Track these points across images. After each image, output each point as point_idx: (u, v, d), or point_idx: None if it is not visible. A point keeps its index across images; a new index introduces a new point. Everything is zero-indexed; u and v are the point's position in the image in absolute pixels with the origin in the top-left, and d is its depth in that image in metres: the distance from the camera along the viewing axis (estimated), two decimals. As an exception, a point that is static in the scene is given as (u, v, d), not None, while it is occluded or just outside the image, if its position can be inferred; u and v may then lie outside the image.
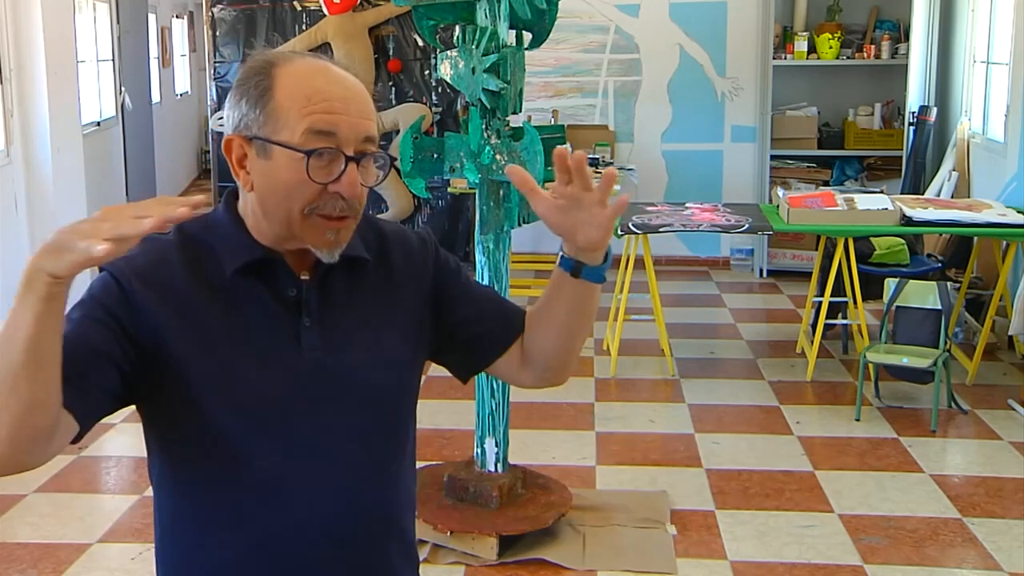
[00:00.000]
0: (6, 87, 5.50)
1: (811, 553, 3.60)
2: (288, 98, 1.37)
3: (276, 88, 1.38)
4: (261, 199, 1.41)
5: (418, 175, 3.56)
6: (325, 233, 1.39)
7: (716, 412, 4.98)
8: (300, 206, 1.38)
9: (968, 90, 6.72)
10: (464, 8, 3.52)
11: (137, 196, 8.60)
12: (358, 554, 1.48)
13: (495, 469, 3.73)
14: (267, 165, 1.39)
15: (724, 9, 7.76)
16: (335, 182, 1.37)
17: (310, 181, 1.37)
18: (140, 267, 1.40)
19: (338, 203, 1.38)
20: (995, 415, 4.87)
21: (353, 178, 1.38)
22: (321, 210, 1.38)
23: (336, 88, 1.39)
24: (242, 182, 1.43)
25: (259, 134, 1.38)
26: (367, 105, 1.42)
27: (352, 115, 1.39)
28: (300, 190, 1.37)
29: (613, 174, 1.38)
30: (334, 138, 1.37)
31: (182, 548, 1.47)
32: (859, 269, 5.39)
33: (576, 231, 1.40)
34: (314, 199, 1.38)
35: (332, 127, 1.37)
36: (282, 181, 1.38)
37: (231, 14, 7.56)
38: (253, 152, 1.40)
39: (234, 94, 1.42)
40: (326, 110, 1.37)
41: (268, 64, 1.40)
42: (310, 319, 1.44)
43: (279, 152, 1.37)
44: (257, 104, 1.39)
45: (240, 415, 1.40)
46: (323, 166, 1.37)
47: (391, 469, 1.51)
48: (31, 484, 4.18)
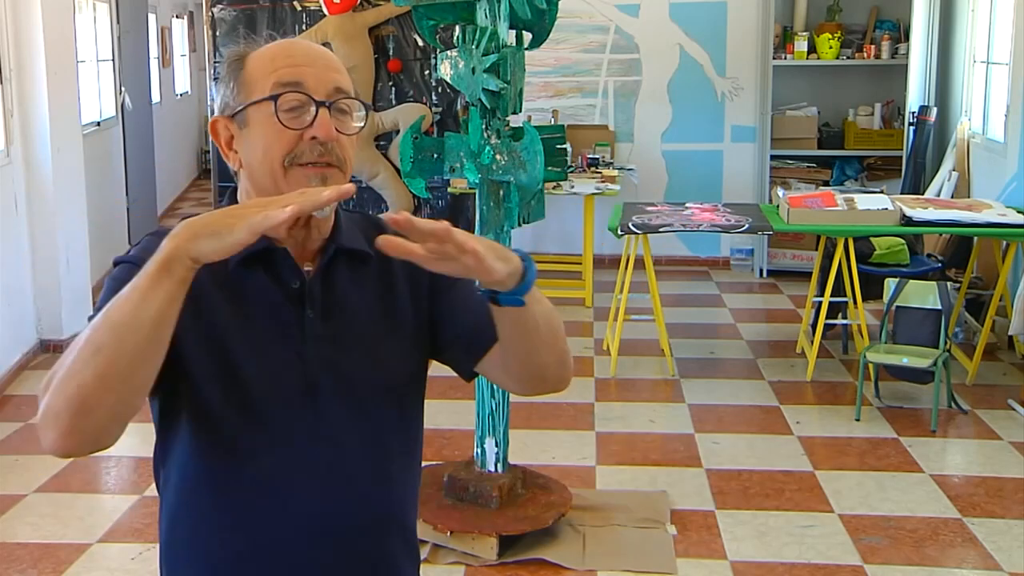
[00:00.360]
0: (6, 87, 5.50)
1: (811, 553, 3.60)
2: (256, 67, 1.45)
3: (247, 64, 1.46)
4: (249, 171, 1.45)
5: (418, 175, 3.56)
6: (311, 182, 1.41)
7: (716, 412, 4.98)
8: (280, 157, 1.41)
9: (968, 90, 6.72)
10: (464, 8, 3.52)
11: (137, 196, 8.60)
12: (360, 551, 1.48)
13: (495, 469, 3.73)
14: (247, 133, 1.44)
15: (724, 9, 7.76)
16: (309, 128, 1.41)
17: (284, 129, 1.40)
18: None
19: (316, 148, 1.41)
20: (995, 415, 4.87)
21: (326, 120, 1.42)
22: (300, 159, 1.41)
23: (299, 48, 1.47)
24: (232, 162, 1.48)
25: (236, 105, 1.44)
26: (333, 62, 1.47)
27: (317, 67, 1.44)
28: (277, 142, 1.41)
29: (441, 228, 1.26)
30: (301, 87, 1.42)
31: (187, 542, 1.48)
32: (859, 269, 5.39)
33: (462, 271, 1.32)
34: (291, 148, 1.41)
35: (296, 77, 1.42)
36: (261, 140, 1.42)
37: (231, 14, 7.56)
38: (236, 127, 1.45)
39: (218, 84, 1.49)
40: (289, 64, 1.43)
41: (242, 54, 1.48)
42: (313, 311, 1.44)
43: (253, 112, 1.43)
44: (231, 80, 1.46)
45: (243, 407, 1.41)
46: (295, 116, 1.41)
47: (395, 465, 1.51)
48: (31, 484, 4.18)
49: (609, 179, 6.95)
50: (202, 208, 10.84)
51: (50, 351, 5.86)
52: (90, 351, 1.22)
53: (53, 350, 5.86)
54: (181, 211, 10.92)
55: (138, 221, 8.57)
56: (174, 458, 1.47)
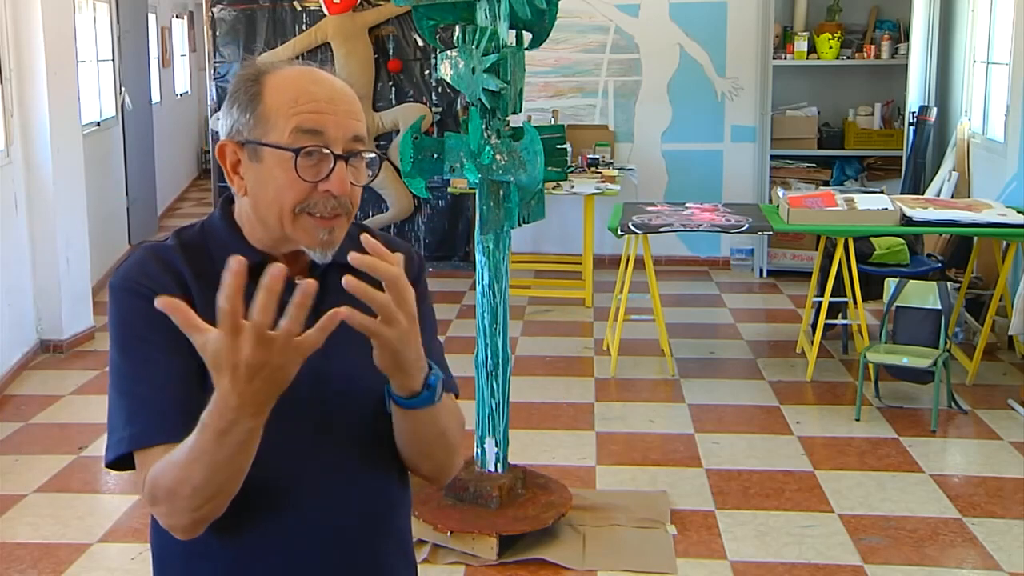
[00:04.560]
0: (6, 87, 5.50)
1: (811, 553, 3.60)
2: (276, 101, 1.40)
3: (265, 93, 1.41)
4: (254, 202, 1.43)
5: (418, 175, 3.56)
6: (318, 233, 1.41)
7: (716, 412, 4.98)
8: (291, 206, 1.40)
9: (968, 90, 6.72)
10: (464, 8, 3.52)
11: (137, 196, 8.60)
12: (354, 556, 1.48)
13: (495, 469, 3.73)
14: (258, 168, 1.41)
15: (724, 9, 7.76)
16: (324, 180, 1.39)
17: (300, 180, 1.38)
18: (149, 269, 1.43)
19: (329, 202, 1.40)
20: (995, 415, 4.87)
21: (342, 176, 1.40)
22: (312, 209, 1.40)
23: (322, 89, 1.42)
24: (236, 187, 1.45)
25: (250, 138, 1.41)
26: (355, 106, 1.44)
27: (339, 115, 1.41)
28: (290, 190, 1.39)
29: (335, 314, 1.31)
30: (321, 136, 1.39)
31: (182, 549, 1.48)
32: (859, 269, 5.39)
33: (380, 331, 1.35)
34: (304, 198, 1.39)
35: (319, 126, 1.39)
36: (273, 182, 1.40)
37: (231, 14, 7.57)
38: (245, 156, 1.43)
39: (227, 102, 1.45)
40: (312, 110, 1.39)
41: (259, 72, 1.43)
42: (305, 324, 1.43)
43: (269, 153, 1.40)
44: (247, 109, 1.42)
45: None
46: (312, 165, 1.39)
47: (387, 472, 1.51)
48: (31, 484, 4.18)
49: (609, 179, 6.95)
50: (202, 208, 10.85)
51: (50, 351, 5.86)
52: (188, 491, 1.31)
53: (53, 350, 5.86)
54: (181, 211, 10.92)
55: (138, 221, 8.57)
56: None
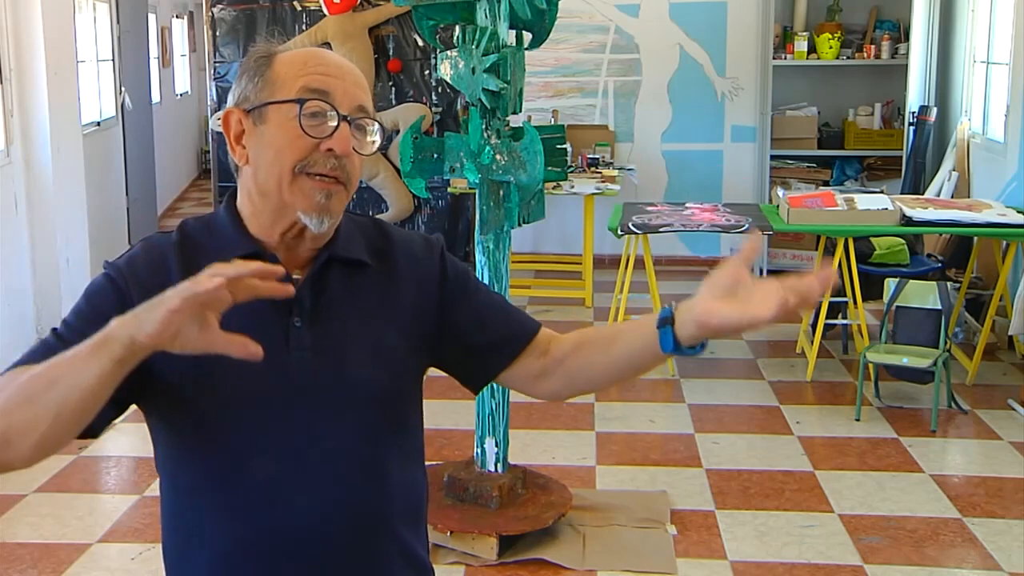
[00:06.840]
0: (6, 87, 5.50)
1: (811, 553, 3.60)
2: (285, 67, 1.43)
3: (275, 62, 1.44)
4: (255, 169, 1.43)
5: (418, 175, 3.56)
6: (315, 195, 1.40)
7: (716, 412, 4.98)
8: (291, 164, 1.40)
9: (968, 90, 6.72)
10: (464, 8, 3.52)
11: (137, 196, 8.60)
12: (347, 556, 1.46)
13: (495, 469, 3.73)
14: (262, 131, 1.42)
15: (724, 9, 7.76)
16: (327, 139, 1.40)
17: (303, 135, 1.39)
18: (139, 267, 1.42)
19: (329, 161, 1.40)
20: (995, 415, 4.87)
21: (345, 135, 1.40)
22: (312, 167, 1.40)
23: (332, 59, 1.46)
24: (238, 157, 1.45)
25: (256, 102, 1.42)
26: (363, 81, 1.47)
27: (347, 83, 1.43)
28: (292, 148, 1.40)
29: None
30: (328, 96, 1.41)
31: (180, 543, 1.49)
32: (859, 269, 5.39)
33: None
34: (305, 155, 1.40)
35: (326, 87, 1.41)
36: (275, 143, 1.41)
37: (231, 14, 7.56)
38: (250, 123, 1.43)
39: (238, 76, 1.47)
40: (321, 72, 1.42)
41: (271, 50, 1.47)
42: (301, 319, 1.43)
43: (273, 112, 1.41)
44: (256, 75, 1.44)
45: (228, 415, 1.40)
46: (317, 124, 1.40)
47: (385, 472, 1.48)
48: (31, 484, 4.18)
49: (609, 179, 6.95)
50: (202, 208, 10.86)
51: (50, 351, 5.86)
52: (23, 398, 1.24)
53: (53, 350, 5.86)
54: (181, 211, 10.92)
55: (138, 221, 8.57)
56: (162, 463, 1.48)
